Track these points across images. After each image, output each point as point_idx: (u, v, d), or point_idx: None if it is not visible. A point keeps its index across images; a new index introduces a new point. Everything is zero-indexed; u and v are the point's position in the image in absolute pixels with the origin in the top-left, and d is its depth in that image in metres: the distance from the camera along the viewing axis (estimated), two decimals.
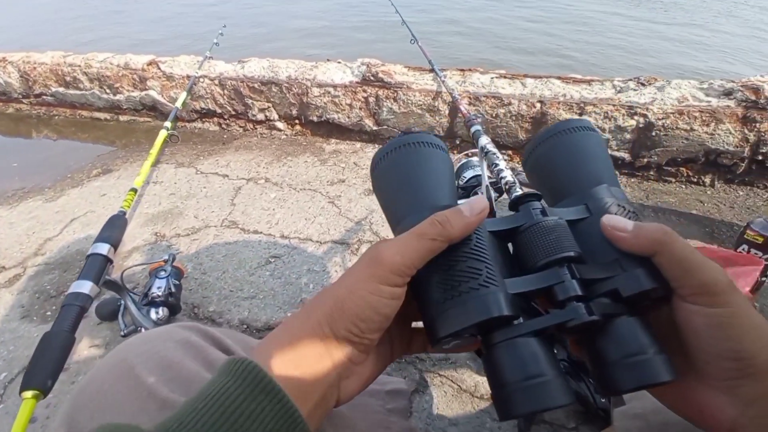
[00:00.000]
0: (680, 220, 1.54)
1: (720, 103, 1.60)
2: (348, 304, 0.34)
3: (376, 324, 0.35)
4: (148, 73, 2.26)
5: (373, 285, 0.34)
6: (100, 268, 1.06)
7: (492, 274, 0.35)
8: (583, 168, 0.44)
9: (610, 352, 0.35)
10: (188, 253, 1.48)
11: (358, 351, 0.35)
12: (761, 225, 1.15)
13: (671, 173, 1.73)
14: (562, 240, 0.36)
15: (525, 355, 0.34)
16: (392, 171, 0.44)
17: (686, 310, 0.34)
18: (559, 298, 0.35)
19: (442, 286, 0.36)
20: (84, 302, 0.96)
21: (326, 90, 2.02)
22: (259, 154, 2.06)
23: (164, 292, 1.18)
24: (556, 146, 0.45)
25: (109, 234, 1.16)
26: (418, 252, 0.35)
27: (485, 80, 1.89)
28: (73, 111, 2.52)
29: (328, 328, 0.34)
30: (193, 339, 0.45)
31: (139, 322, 1.12)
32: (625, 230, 0.36)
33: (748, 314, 0.32)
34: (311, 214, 1.64)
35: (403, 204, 0.42)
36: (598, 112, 1.69)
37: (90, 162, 2.09)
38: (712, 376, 0.34)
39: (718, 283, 0.33)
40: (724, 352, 0.32)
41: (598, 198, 0.40)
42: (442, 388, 1.02)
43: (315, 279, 1.35)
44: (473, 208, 0.36)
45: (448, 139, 1.98)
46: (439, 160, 0.44)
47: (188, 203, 1.73)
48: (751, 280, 1.06)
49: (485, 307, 0.34)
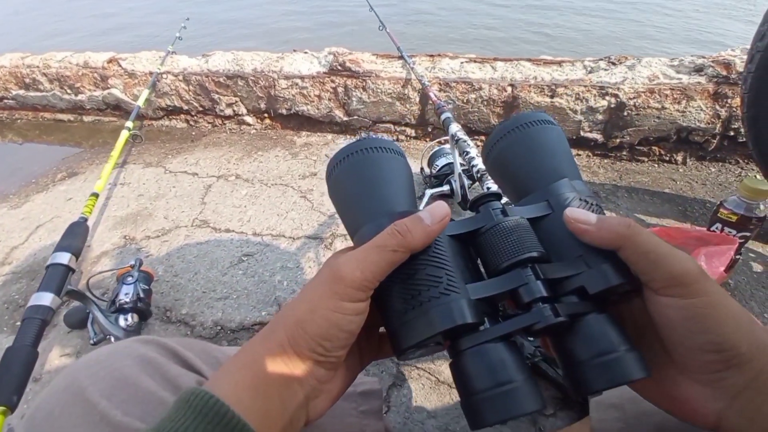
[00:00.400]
0: (653, 200, 1.53)
1: (691, 79, 1.58)
2: (310, 325, 0.33)
3: (341, 341, 0.33)
4: (109, 71, 2.19)
5: (334, 302, 0.33)
6: (62, 278, 1.03)
7: (453, 280, 0.34)
8: (542, 163, 0.42)
9: (580, 352, 0.34)
10: (159, 255, 1.44)
11: (325, 369, 0.34)
12: (734, 203, 1.14)
13: (644, 152, 1.72)
14: (524, 240, 0.36)
15: (492, 362, 0.33)
16: (347, 178, 0.42)
17: (659, 304, 0.33)
18: (524, 300, 0.34)
19: (403, 296, 0.35)
20: (45, 315, 0.93)
21: (294, 82, 1.97)
22: (228, 150, 2.01)
23: (132, 298, 1.16)
24: (514, 142, 0.44)
25: (69, 242, 1.12)
26: (378, 265, 0.33)
27: (455, 65, 1.86)
28: (35, 113, 2.44)
29: (292, 350, 0.33)
30: (151, 355, 0.43)
31: (107, 331, 1.09)
32: (588, 223, 0.35)
33: (725, 303, 0.31)
34: (283, 210, 1.61)
35: (359, 212, 0.41)
36: (569, 93, 1.67)
37: (55, 165, 2.03)
38: (693, 369, 0.33)
39: (689, 273, 0.31)
40: (704, 345, 0.31)
41: (560, 193, 0.39)
42: (419, 381, 1.01)
43: (289, 276, 1.33)
44: (434, 215, 0.35)
45: (419, 126, 1.95)
46: (396, 165, 0.43)
47: (157, 204, 1.69)
48: (725, 259, 1.06)
49: (447, 316, 0.33)
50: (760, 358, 0.31)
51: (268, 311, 1.22)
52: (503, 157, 0.45)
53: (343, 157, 0.42)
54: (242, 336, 1.17)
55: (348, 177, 0.42)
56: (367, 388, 0.70)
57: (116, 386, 0.39)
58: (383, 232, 0.34)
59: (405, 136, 1.97)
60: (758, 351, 0.31)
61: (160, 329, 1.20)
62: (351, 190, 0.42)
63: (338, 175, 0.43)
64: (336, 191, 0.44)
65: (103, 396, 0.38)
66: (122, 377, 0.40)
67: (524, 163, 0.43)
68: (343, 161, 0.42)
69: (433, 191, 1.49)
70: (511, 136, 0.44)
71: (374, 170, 0.41)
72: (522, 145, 0.43)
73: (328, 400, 0.36)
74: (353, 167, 0.42)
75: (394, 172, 0.42)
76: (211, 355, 0.50)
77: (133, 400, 0.38)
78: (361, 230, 0.39)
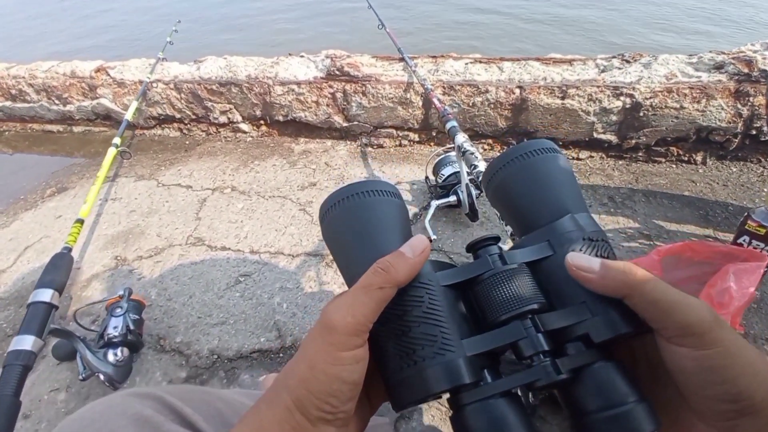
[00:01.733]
0: (672, 204, 1.46)
1: (711, 78, 1.50)
2: (312, 383, 0.31)
3: (346, 395, 0.32)
4: (98, 80, 2.11)
5: (332, 355, 0.31)
6: (44, 317, 0.98)
7: (447, 338, 0.33)
8: (544, 198, 0.40)
9: (586, 403, 0.32)
10: (152, 278, 1.38)
11: (336, 428, 0.32)
12: (763, 215, 1.07)
13: (661, 153, 1.63)
14: (523, 292, 0.34)
15: (493, 420, 0.32)
16: (341, 224, 0.40)
17: (673, 353, 0.31)
18: (524, 354, 0.33)
19: (398, 353, 0.34)
20: (26, 360, 0.89)
21: (290, 88, 1.88)
22: (224, 160, 1.93)
23: (121, 332, 1.10)
24: (514, 174, 0.42)
25: (51, 277, 1.07)
26: (368, 306, 0.32)
27: (459, 67, 1.77)
28: (23, 125, 2.36)
29: (300, 414, 0.31)
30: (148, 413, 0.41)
31: (96, 368, 1.03)
32: (592, 270, 0.33)
33: (740, 352, 0.30)
34: (282, 225, 1.53)
35: (354, 261, 0.38)
36: (581, 94, 1.58)
37: (44, 180, 1.96)
38: (707, 416, 0.31)
39: (703, 322, 0.30)
40: (719, 395, 0.30)
41: (562, 232, 0.37)
42: (429, 413, 0.97)
43: (288, 297, 1.26)
44: (414, 248, 0.35)
45: (423, 131, 1.87)
46: (392, 208, 0.41)
47: (150, 220, 1.62)
48: (756, 278, 0.99)
49: (442, 378, 0.32)
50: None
51: (266, 337, 1.16)
52: (504, 188, 0.42)
53: (336, 201, 0.40)
54: (240, 365, 1.11)
55: (342, 223, 0.40)
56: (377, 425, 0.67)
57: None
58: (367, 273, 0.33)
59: (408, 141, 1.89)
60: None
61: (153, 359, 1.14)
62: (345, 238, 0.40)
63: (332, 220, 0.41)
64: (330, 236, 0.42)
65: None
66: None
67: (526, 197, 0.41)
68: (336, 206, 0.40)
69: (439, 202, 1.42)
70: (511, 166, 0.42)
71: (369, 217, 0.39)
72: (523, 176, 0.41)
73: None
74: (347, 213, 0.40)
75: (390, 217, 0.40)
76: (212, 405, 0.49)
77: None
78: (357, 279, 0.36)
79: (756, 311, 1.13)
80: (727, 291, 0.97)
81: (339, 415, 0.32)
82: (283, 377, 0.33)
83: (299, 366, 0.32)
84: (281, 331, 1.17)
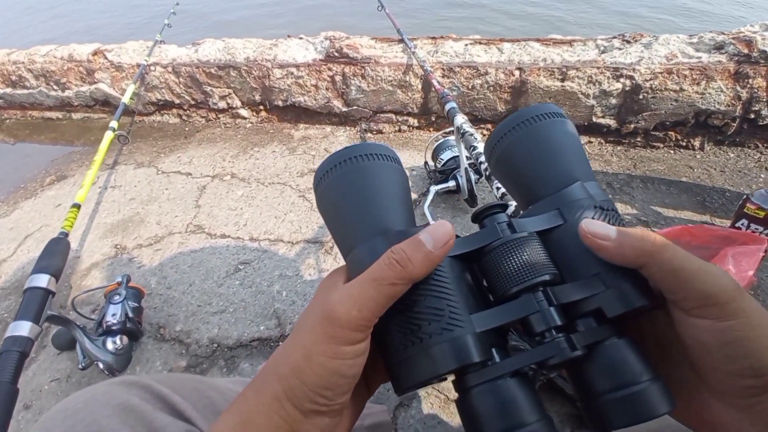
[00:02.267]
0: (670, 190, 1.46)
1: (711, 58, 1.48)
2: (308, 374, 0.29)
3: (344, 388, 0.30)
4: (95, 64, 2.09)
5: (332, 348, 0.29)
6: (40, 303, 0.96)
7: (456, 313, 0.30)
8: (552, 164, 0.37)
9: (598, 383, 0.30)
10: (151, 266, 1.38)
11: (329, 418, 0.31)
12: (762, 198, 1.07)
13: (659, 138, 1.63)
14: (534, 262, 0.32)
15: (502, 402, 0.30)
16: (337, 190, 0.37)
17: (692, 327, 0.29)
18: (536, 330, 0.31)
19: (401, 330, 0.31)
20: (23, 347, 0.87)
21: (289, 71, 1.87)
22: (223, 147, 1.93)
23: (120, 319, 1.09)
24: (520, 139, 0.39)
25: (47, 262, 1.04)
26: (376, 301, 0.29)
27: (459, 48, 1.75)
28: (23, 112, 2.35)
29: (290, 405, 0.29)
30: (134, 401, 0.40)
31: (94, 357, 1.03)
32: (608, 238, 0.31)
33: (763, 322, 0.28)
34: (281, 212, 1.54)
35: (351, 230, 0.36)
36: (581, 76, 1.57)
37: (44, 168, 1.96)
38: (728, 394, 0.30)
39: (725, 291, 0.28)
40: (742, 370, 0.28)
41: (573, 200, 0.35)
42: (428, 400, 0.97)
43: (288, 285, 1.27)
44: (436, 238, 0.30)
45: (422, 116, 1.86)
46: (392, 174, 0.37)
47: (150, 208, 1.62)
48: (755, 261, 1.00)
49: (451, 356, 0.30)
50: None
51: (266, 325, 1.17)
52: (508, 156, 0.39)
53: (332, 167, 0.37)
54: (240, 354, 1.12)
55: (337, 189, 0.37)
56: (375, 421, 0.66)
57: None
58: (379, 262, 0.30)
59: (407, 126, 1.88)
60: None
61: (153, 348, 1.15)
62: (341, 205, 0.37)
63: (326, 186, 0.37)
64: (325, 204, 0.38)
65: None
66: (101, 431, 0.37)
67: (532, 164, 0.38)
68: (331, 171, 0.37)
69: (438, 187, 1.42)
70: (516, 132, 0.39)
71: (367, 182, 0.36)
72: (529, 142, 0.38)
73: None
74: (343, 178, 0.37)
75: (389, 182, 0.37)
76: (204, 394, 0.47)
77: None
78: (353, 251, 0.35)
79: (754, 297, 1.14)
80: None
81: (334, 407, 0.30)
82: (273, 364, 0.31)
83: (293, 354, 0.30)
84: (281, 319, 1.18)
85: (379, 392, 0.98)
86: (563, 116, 0.39)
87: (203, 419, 0.44)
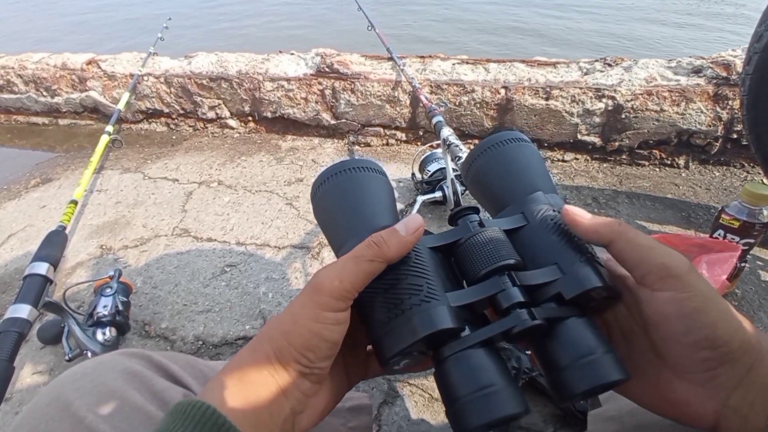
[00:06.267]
0: (655, 206, 1.48)
1: (689, 81, 1.53)
2: (294, 336, 0.33)
3: (324, 352, 0.34)
4: (88, 72, 2.10)
5: (315, 312, 0.33)
6: (39, 289, 0.99)
7: (433, 288, 0.35)
8: (517, 178, 0.44)
9: (559, 357, 0.35)
10: (137, 266, 1.37)
11: (311, 382, 0.35)
12: (736, 209, 1.10)
13: (644, 156, 1.66)
14: (500, 249, 0.37)
15: (473, 367, 0.34)
16: (331, 196, 0.44)
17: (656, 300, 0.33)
18: (502, 306, 0.35)
19: (385, 305, 0.36)
20: (22, 328, 0.90)
21: (279, 84, 1.90)
22: (210, 155, 1.93)
23: (111, 311, 1.10)
24: (491, 159, 0.46)
25: (47, 252, 1.09)
26: (356, 275, 0.34)
27: (446, 67, 1.79)
28: (8, 116, 2.34)
29: (278, 362, 0.33)
30: (137, 368, 0.44)
31: (84, 346, 1.04)
32: (584, 217, 0.37)
33: (715, 297, 0.32)
34: (268, 218, 1.53)
35: (343, 229, 0.42)
36: (565, 95, 1.61)
37: (28, 171, 1.94)
38: (687, 368, 0.33)
39: (681, 264, 0.33)
40: (699, 341, 0.32)
41: (534, 206, 0.41)
42: (412, 398, 0.96)
43: (274, 287, 1.26)
44: (408, 227, 0.36)
45: (410, 130, 1.88)
46: (378, 183, 0.45)
47: (136, 212, 1.61)
48: (728, 267, 1.02)
49: (429, 322, 0.34)
50: (751, 353, 0.31)
51: (252, 325, 1.16)
52: (481, 174, 0.47)
53: (328, 177, 0.44)
54: (225, 351, 1.10)
55: (332, 196, 0.44)
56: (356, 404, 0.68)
57: (103, 400, 0.39)
58: (361, 244, 0.36)
59: (395, 140, 1.90)
60: (749, 346, 0.31)
61: (138, 344, 1.13)
62: (335, 209, 0.43)
63: (323, 194, 0.44)
64: (320, 210, 0.45)
65: (90, 410, 0.38)
66: (109, 391, 0.40)
67: (500, 179, 0.45)
68: (327, 181, 0.44)
69: (425, 197, 1.43)
70: (487, 154, 0.46)
71: (357, 189, 0.43)
72: (497, 162, 0.46)
73: (315, 414, 0.37)
74: (337, 187, 0.44)
75: (376, 190, 0.44)
76: (197, 368, 0.50)
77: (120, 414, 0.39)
78: (344, 246, 0.40)
79: (737, 309, 1.15)
80: None
81: (315, 371, 0.34)
82: (267, 329, 0.35)
83: (284, 320, 0.34)
84: (266, 319, 1.16)
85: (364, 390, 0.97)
86: (527, 141, 0.47)
87: (199, 386, 0.47)
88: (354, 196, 0.43)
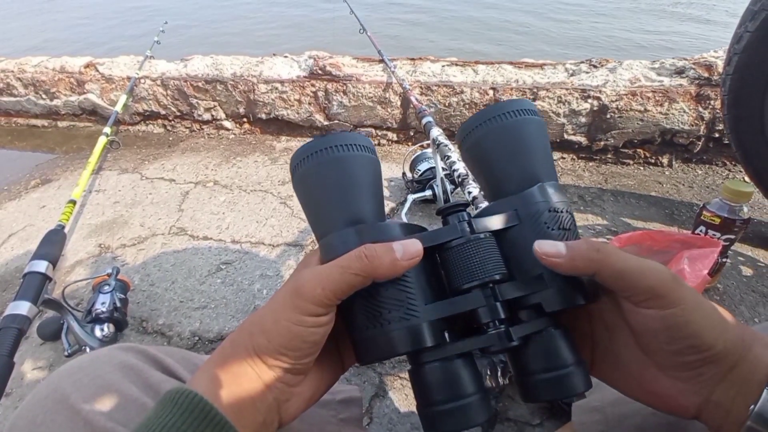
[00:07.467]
0: (639, 203, 1.51)
1: (672, 82, 1.57)
2: (273, 335, 0.34)
3: (305, 351, 0.34)
4: (86, 75, 2.14)
5: (295, 316, 0.33)
6: (39, 287, 1.01)
7: (413, 304, 0.35)
8: (517, 163, 0.41)
9: (531, 364, 0.36)
10: (135, 264, 1.40)
11: (292, 375, 0.35)
12: (717, 206, 1.12)
13: (629, 155, 1.70)
14: (487, 263, 0.36)
15: (449, 377, 0.35)
16: (312, 178, 0.40)
17: (641, 316, 0.34)
18: (482, 321, 0.36)
19: (364, 313, 0.36)
20: (22, 324, 0.91)
21: (273, 86, 1.93)
22: (206, 156, 1.97)
23: (109, 308, 1.12)
24: (491, 134, 0.41)
25: (46, 250, 1.10)
26: (339, 285, 0.33)
27: (436, 69, 1.83)
28: (8, 119, 2.37)
29: (257, 357, 0.34)
30: (132, 361, 0.44)
31: (83, 342, 1.06)
32: (560, 255, 0.35)
33: (700, 307, 0.33)
34: (263, 217, 1.57)
35: (325, 217, 0.39)
36: (551, 96, 1.65)
37: (28, 172, 1.97)
38: (672, 368, 0.34)
39: (665, 283, 0.33)
40: (684, 349, 0.33)
41: (529, 203, 0.38)
42: (403, 392, 0.98)
43: (269, 284, 1.29)
44: (407, 251, 0.34)
45: (401, 131, 1.92)
46: (366, 165, 0.40)
47: (133, 211, 1.64)
48: (708, 262, 1.04)
49: (407, 341, 0.35)
50: (734, 352, 0.32)
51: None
52: (479, 148, 0.42)
53: (309, 154, 0.39)
54: None
55: (313, 177, 0.39)
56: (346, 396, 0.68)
57: (99, 393, 0.40)
58: (351, 253, 0.34)
59: (387, 140, 1.94)
60: (732, 346, 0.32)
61: (136, 340, 1.15)
62: (316, 193, 0.40)
63: (303, 173, 0.40)
64: (301, 189, 0.41)
65: (87, 402, 0.39)
66: (105, 384, 0.41)
67: (499, 160, 0.41)
68: (308, 158, 0.39)
69: (415, 196, 1.46)
70: (489, 125, 0.41)
71: (341, 172, 0.39)
72: (500, 138, 0.41)
73: (302, 402, 0.37)
74: (319, 167, 0.39)
75: (363, 173, 0.40)
76: (191, 362, 0.50)
77: (116, 406, 0.39)
78: (327, 237, 0.38)
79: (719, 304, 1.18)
80: (681, 273, 1.02)
81: (297, 367, 0.35)
82: (248, 324, 0.36)
83: (265, 317, 0.35)
84: None
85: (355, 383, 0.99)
86: (536, 114, 0.42)
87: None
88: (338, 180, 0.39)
